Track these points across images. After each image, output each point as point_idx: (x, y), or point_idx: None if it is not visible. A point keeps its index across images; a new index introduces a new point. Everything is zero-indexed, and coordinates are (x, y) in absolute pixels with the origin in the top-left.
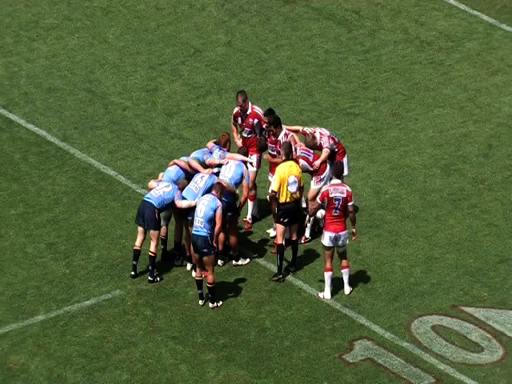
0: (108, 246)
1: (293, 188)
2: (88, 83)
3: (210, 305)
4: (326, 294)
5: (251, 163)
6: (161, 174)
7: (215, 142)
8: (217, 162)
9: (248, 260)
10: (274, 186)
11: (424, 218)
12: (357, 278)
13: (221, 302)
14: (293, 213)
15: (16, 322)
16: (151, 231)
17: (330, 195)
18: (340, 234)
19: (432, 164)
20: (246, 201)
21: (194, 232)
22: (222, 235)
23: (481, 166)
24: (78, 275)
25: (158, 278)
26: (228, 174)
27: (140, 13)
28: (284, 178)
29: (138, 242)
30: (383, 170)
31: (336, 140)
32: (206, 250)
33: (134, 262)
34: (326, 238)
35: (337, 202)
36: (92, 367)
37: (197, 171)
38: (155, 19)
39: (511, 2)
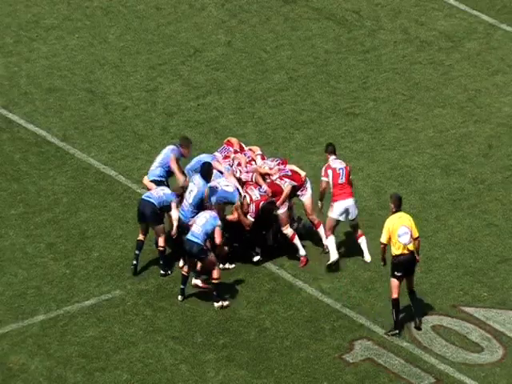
0: (108, 246)
1: (404, 239)
2: (88, 83)
3: (216, 304)
4: (333, 256)
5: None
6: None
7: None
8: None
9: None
10: (382, 238)
11: (424, 217)
12: (357, 278)
13: (227, 302)
14: (408, 265)
15: (16, 322)
16: (156, 227)
17: (333, 166)
18: (350, 202)
19: (432, 164)
20: (237, 219)
21: (189, 237)
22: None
23: (481, 166)
24: (78, 275)
25: (170, 271)
26: (225, 187)
27: (140, 13)
28: (392, 230)
29: (140, 236)
30: (383, 170)
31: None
32: (202, 256)
33: (137, 252)
34: (336, 209)
35: (340, 170)
36: (92, 367)
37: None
38: (155, 19)
39: (511, 2)
